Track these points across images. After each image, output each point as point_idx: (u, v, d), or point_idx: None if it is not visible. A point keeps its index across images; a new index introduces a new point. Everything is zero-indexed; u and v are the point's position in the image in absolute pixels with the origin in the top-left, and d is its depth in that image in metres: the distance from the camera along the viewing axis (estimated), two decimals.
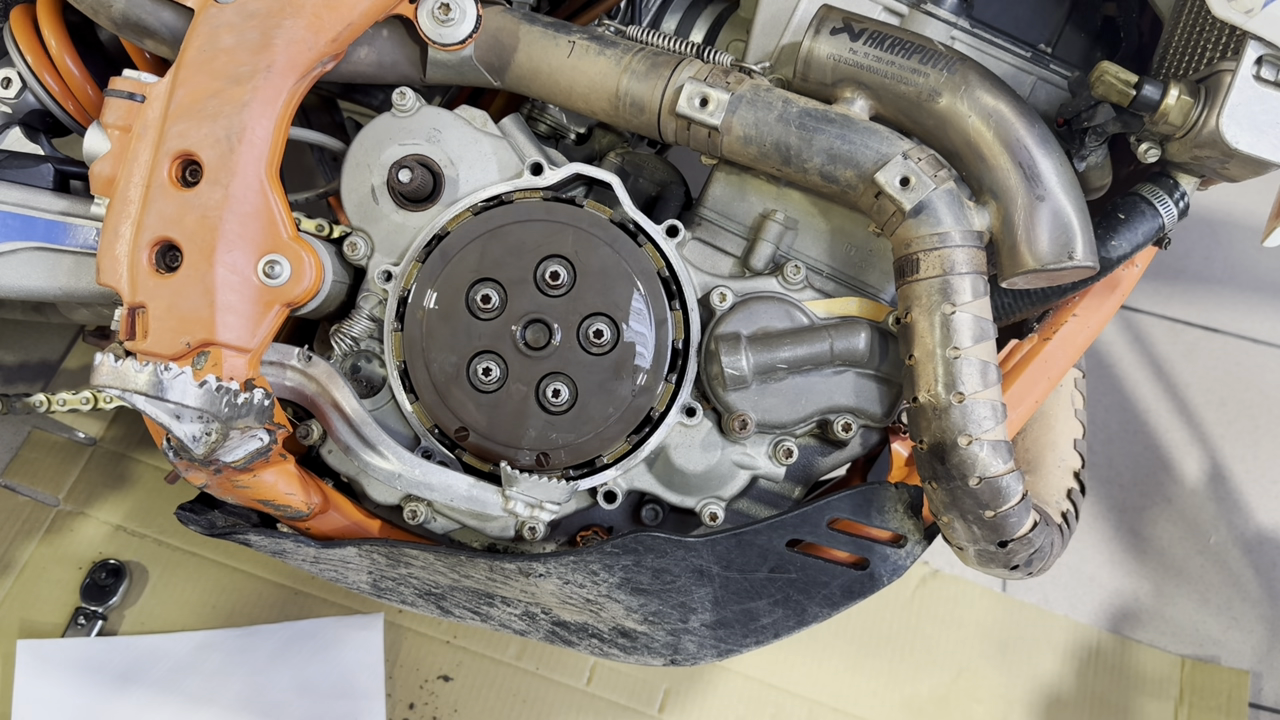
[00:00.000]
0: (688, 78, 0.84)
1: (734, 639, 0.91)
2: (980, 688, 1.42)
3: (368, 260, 0.92)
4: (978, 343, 0.80)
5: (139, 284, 0.83)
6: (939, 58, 0.82)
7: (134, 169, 0.85)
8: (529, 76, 0.90)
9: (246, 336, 0.83)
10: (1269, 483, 1.63)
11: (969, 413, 0.79)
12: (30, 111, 1.05)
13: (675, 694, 1.37)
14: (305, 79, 0.85)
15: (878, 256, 0.92)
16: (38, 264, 0.94)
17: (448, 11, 0.87)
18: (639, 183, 0.99)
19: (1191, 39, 0.84)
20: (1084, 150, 0.89)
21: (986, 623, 1.46)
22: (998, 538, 0.82)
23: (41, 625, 1.33)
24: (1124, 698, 1.44)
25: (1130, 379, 1.72)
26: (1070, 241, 0.80)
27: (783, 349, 0.87)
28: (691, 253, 0.93)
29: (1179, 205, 0.89)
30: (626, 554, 0.88)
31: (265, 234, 0.84)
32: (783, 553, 0.88)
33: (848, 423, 0.89)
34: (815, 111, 0.83)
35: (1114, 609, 1.52)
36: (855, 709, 1.39)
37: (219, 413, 0.81)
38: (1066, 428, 1.06)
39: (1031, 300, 0.98)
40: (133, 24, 0.87)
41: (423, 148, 0.91)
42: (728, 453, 0.91)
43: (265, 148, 0.83)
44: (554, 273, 0.88)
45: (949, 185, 0.81)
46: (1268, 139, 0.78)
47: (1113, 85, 0.80)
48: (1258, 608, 1.53)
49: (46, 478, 1.43)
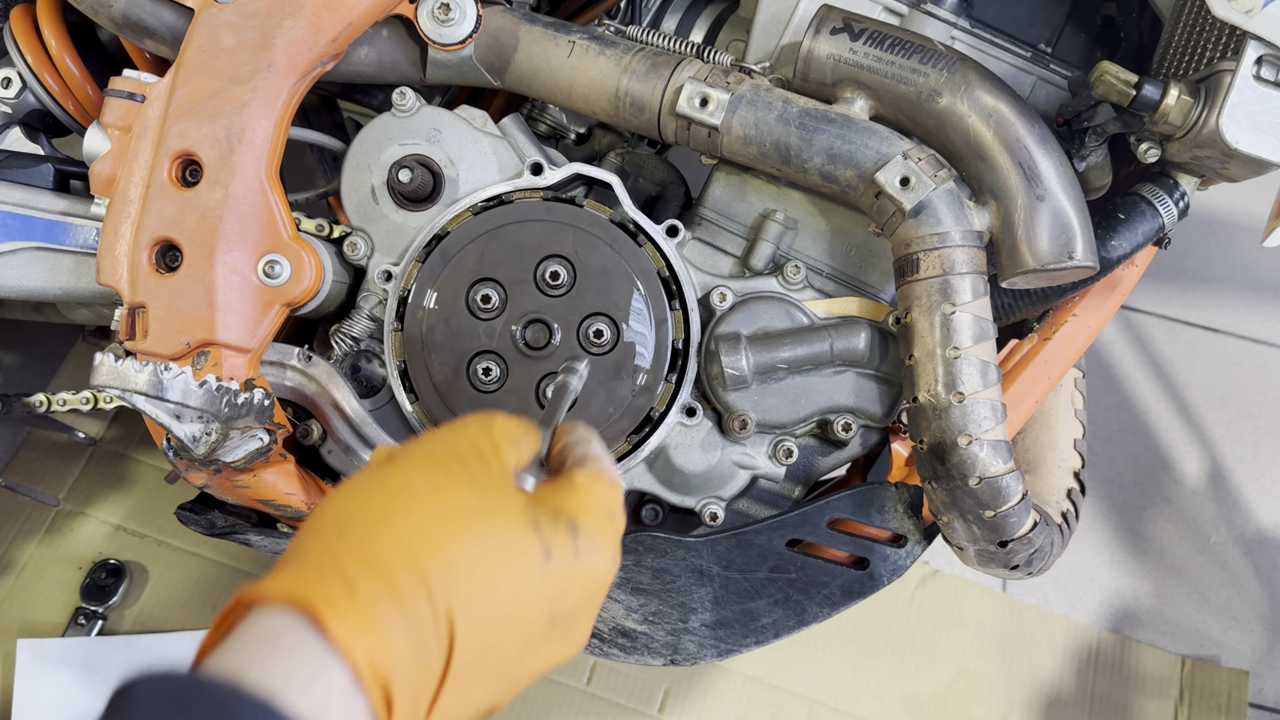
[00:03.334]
0: (688, 78, 0.84)
1: (734, 639, 0.91)
2: (980, 688, 1.42)
3: (368, 260, 0.92)
4: (978, 342, 0.80)
5: (139, 284, 0.83)
6: (939, 58, 0.82)
7: (134, 169, 0.85)
8: (529, 76, 0.90)
9: (246, 336, 0.83)
10: (1269, 483, 1.63)
11: (969, 413, 0.79)
12: (30, 111, 1.05)
13: (675, 694, 1.37)
14: (305, 79, 0.85)
15: (878, 256, 0.92)
16: (38, 264, 0.94)
17: (448, 11, 0.87)
18: (639, 183, 0.99)
19: (1191, 39, 0.83)
20: (1084, 150, 0.89)
21: (987, 623, 1.46)
22: (998, 538, 0.82)
23: (41, 625, 1.33)
24: (1124, 698, 1.43)
25: (1130, 379, 1.72)
26: (1070, 241, 0.80)
27: (783, 349, 0.87)
28: (691, 253, 0.93)
29: (1179, 205, 0.89)
30: (626, 554, 0.88)
31: (265, 234, 0.84)
32: (783, 552, 0.88)
33: (848, 423, 0.89)
34: (815, 111, 0.83)
35: (1114, 609, 1.52)
36: (855, 709, 1.39)
37: (219, 413, 0.81)
38: (1066, 428, 1.06)
39: (1031, 300, 0.98)
40: (133, 24, 0.87)
41: (423, 148, 0.91)
42: (728, 453, 0.91)
43: (265, 148, 0.83)
44: (554, 273, 0.88)
45: (949, 185, 0.81)
46: (1268, 139, 0.78)
47: (1113, 85, 0.80)
48: (1258, 608, 1.53)
49: (46, 478, 1.43)
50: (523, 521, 0.54)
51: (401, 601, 0.47)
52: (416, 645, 0.47)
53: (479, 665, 0.51)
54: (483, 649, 0.51)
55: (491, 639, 0.51)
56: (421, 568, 0.49)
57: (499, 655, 0.52)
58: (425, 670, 0.48)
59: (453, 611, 0.49)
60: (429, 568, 0.49)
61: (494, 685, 0.54)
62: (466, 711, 0.52)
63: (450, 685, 0.49)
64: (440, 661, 0.49)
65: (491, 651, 0.51)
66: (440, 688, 0.49)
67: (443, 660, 0.49)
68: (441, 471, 0.55)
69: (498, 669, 0.53)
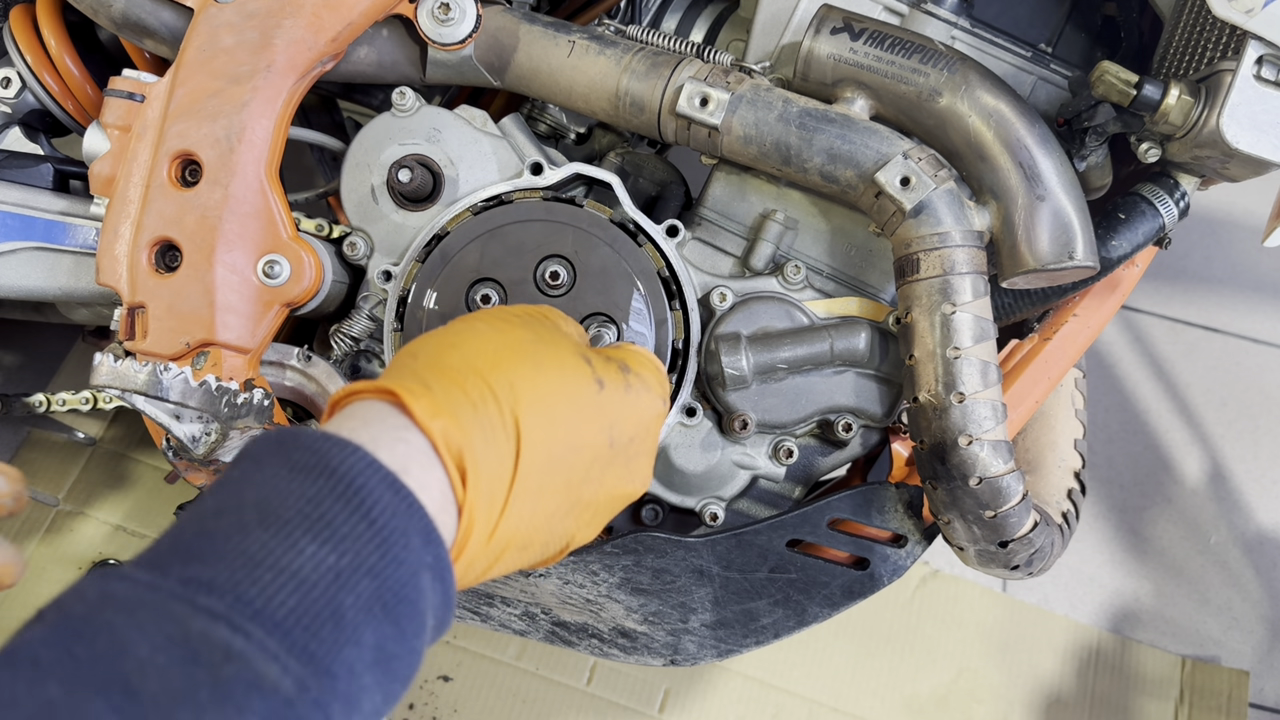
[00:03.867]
0: (688, 77, 0.84)
1: (734, 639, 0.91)
2: (980, 688, 1.42)
3: (367, 260, 0.92)
4: (978, 343, 0.80)
5: (139, 284, 0.83)
6: (939, 57, 0.82)
7: (133, 169, 0.85)
8: (529, 76, 0.90)
9: (246, 336, 0.83)
10: (1269, 483, 1.63)
11: (969, 413, 0.79)
12: (30, 111, 1.05)
13: (675, 694, 1.37)
14: (305, 79, 0.85)
15: (878, 256, 0.91)
16: (37, 264, 0.94)
17: (447, 11, 0.87)
18: (639, 182, 0.99)
19: (1192, 39, 0.83)
20: (1084, 150, 0.89)
21: (987, 623, 1.46)
22: (998, 538, 0.82)
23: None
24: (1124, 698, 1.43)
25: (1131, 379, 1.72)
26: (1071, 241, 0.80)
27: (783, 349, 0.87)
28: (691, 253, 0.93)
29: (1179, 205, 0.89)
30: (627, 554, 0.88)
31: (265, 234, 0.84)
32: (783, 553, 0.88)
33: (848, 423, 0.89)
34: (815, 111, 0.83)
35: (1114, 609, 1.52)
36: (855, 709, 1.39)
37: (219, 413, 0.81)
38: (1067, 428, 1.06)
39: (1032, 300, 0.98)
40: (132, 24, 0.87)
41: (422, 147, 0.91)
42: (728, 453, 0.91)
43: (265, 148, 0.83)
44: (554, 273, 0.88)
45: (949, 185, 0.81)
46: (1268, 139, 0.78)
47: (1113, 85, 0.80)
48: (1258, 608, 1.53)
49: (46, 478, 1.43)
50: (577, 356, 0.62)
51: (470, 398, 0.55)
52: (486, 435, 0.54)
53: (547, 478, 0.57)
54: (548, 461, 0.57)
55: (555, 451, 0.58)
56: (486, 378, 0.56)
57: (565, 471, 0.59)
58: (497, 461, 0.55)
59: (517, 415, 0.56)
60: (493, 379, 0.56)
61: (564, 504, 0.60)
62: (539, 525, 0.58)
63: (521, 486, 0.56)
64: (510, 457, 0.55)
65: (558, 465, 0.58)
66: (511, 485, 0.55)
67: (512, 456, 0.55)
68: (502, 319, 0.64)
69: (565, 487, 0.59)
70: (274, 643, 0.42)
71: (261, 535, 0.45)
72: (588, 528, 0.64)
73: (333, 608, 0.45)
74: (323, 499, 0.47)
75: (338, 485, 0.48)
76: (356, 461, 0.49)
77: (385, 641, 0.47)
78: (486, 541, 0.55)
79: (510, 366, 0.58)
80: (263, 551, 0.45)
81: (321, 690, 0.43)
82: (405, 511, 0.49)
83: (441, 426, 0.53)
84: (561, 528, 0.61)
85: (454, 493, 0.53)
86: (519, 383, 0.57)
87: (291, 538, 0.45)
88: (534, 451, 0.56)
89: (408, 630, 0.48)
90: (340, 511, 0.47)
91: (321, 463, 0.48)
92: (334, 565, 0.45)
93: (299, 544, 0.45)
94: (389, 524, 0.48)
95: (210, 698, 0.40)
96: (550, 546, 0.61)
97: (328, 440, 0.50)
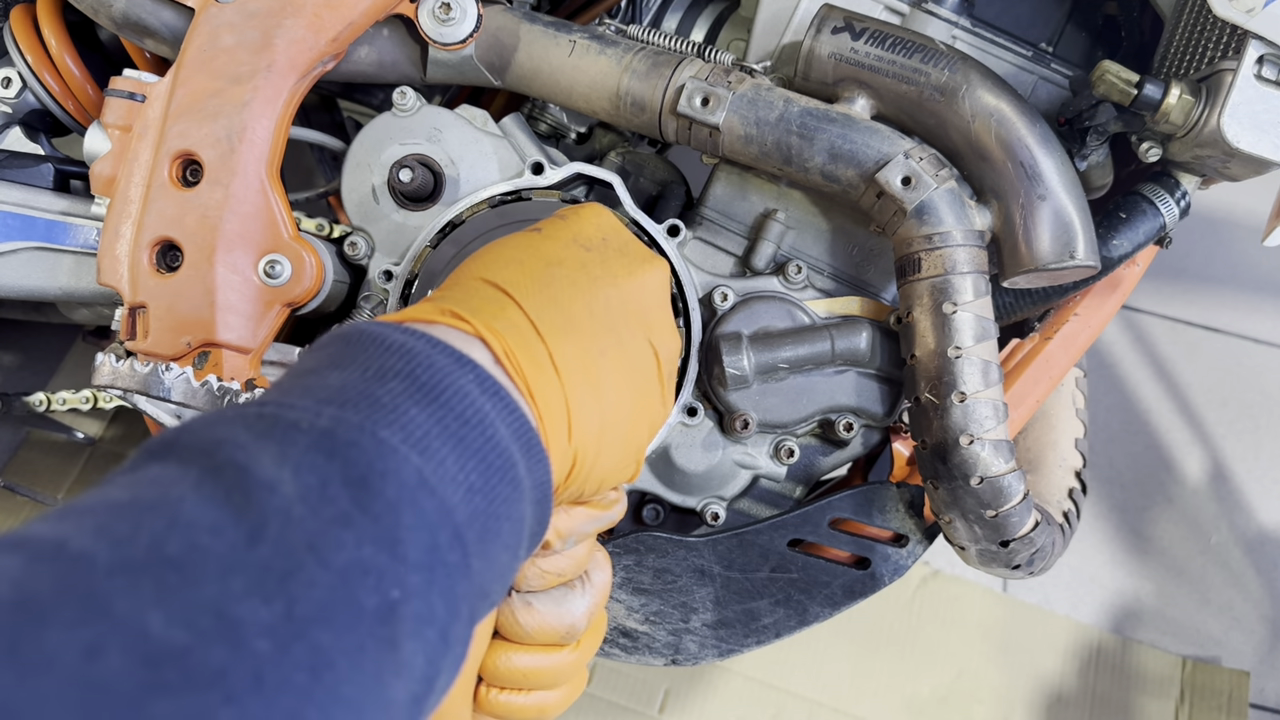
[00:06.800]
0: (689, 77, 0.84)
1: (735, 639, 0.91)
2: (981, 688, 1.42)
3: (368, 260, 0.92)
4: (979, 342, 0.80)
5: (139, 284, 0.83)
6: (940, 57, 0.82)
7: (134, 169, 0.85)
8: (530, 76, 0.90)
9: (247, 336, 0.83)
10: (1270, 483, 1.63)
11: (970, 412, 0.79)
12: (30, 111, 1.05)
13: (675, 694, 1.37)
14: (306, 78, 0.85)
15: (879, 256, 0.91)
16: (38, 264, 0.94)
17: (448, 11, 0.87)
18: (640, 182, 0.99)
19: (1192, 38, 0.83)
20: (1085, 150, 0.89)
21: (987, 623, 1.46)
22: (999, 537, 0.82)
23: None
24: (1125, 698, 1.43)
25: (1131, 379, 1.72)
26: (1072, 241, 0.80)
27: (784, 348, 0.87)
28: (692, 252, 0.93)
29: (1180, 204, 0.89)
30: (628, 554, 0.88)
31: (266, 234, 0.84)
32: (784, 552, 0.88)
33: (849, 422, 0.89)
34: (816, 111, 0.83)
35: (1115, 609, 1.52)
36: (855, 709, 1.39)
37: None
38: (1068, 427, 1.06)
39: (1033, 300, 0.98)
40: (133, 24, 0.87)
41: (423, 147, 0.91)
42: (729, 452, 0.91)
43: (266, 147, 0.83)
44: None
45: (950, 185, 0.81)
46: (1269, 138, 0.78)
47: (1114, 84, 0.80)
48: (1259, 608, 1.53)
49: (46, 478, 1.43)
50: (568, 238, 0.68)
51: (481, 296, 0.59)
52: (494, 312, 0.57)
53: (564, 336, 0.59)
54: (568, 321, 0.60)
55: (561, 313, 0.60)
56: (488, 280, 0.60)
57: (579, 337, 0.60)
58: (525, 329, 0.58)
59: (521, 302, 0.59)
60: (498, 279, 0.60)
61: (604, 348, 0.61)
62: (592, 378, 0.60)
63: (547, 329, 0.58)
64: (531, 330, 0.58)
65: (571, 329, 0.60)
66: (540, 335, 0.58)
67: (532, 330, 0.58)
68: (503, 242, 0.67)
69: (596, 333, 0.61)
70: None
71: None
72: (647, 399, 0.65)
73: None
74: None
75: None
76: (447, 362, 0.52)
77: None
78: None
79: (510, 266, 0.62)
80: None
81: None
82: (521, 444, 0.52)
83: (483, 324, 0.56)
84: (596, 420, 0.61)
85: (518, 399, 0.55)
86: (509, 273, 0.61)
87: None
88: (539, 315, 0.58)
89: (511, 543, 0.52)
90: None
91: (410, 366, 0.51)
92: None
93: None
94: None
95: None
96: (618, 427, 0.61)
97: (389, 328, 0.52)
